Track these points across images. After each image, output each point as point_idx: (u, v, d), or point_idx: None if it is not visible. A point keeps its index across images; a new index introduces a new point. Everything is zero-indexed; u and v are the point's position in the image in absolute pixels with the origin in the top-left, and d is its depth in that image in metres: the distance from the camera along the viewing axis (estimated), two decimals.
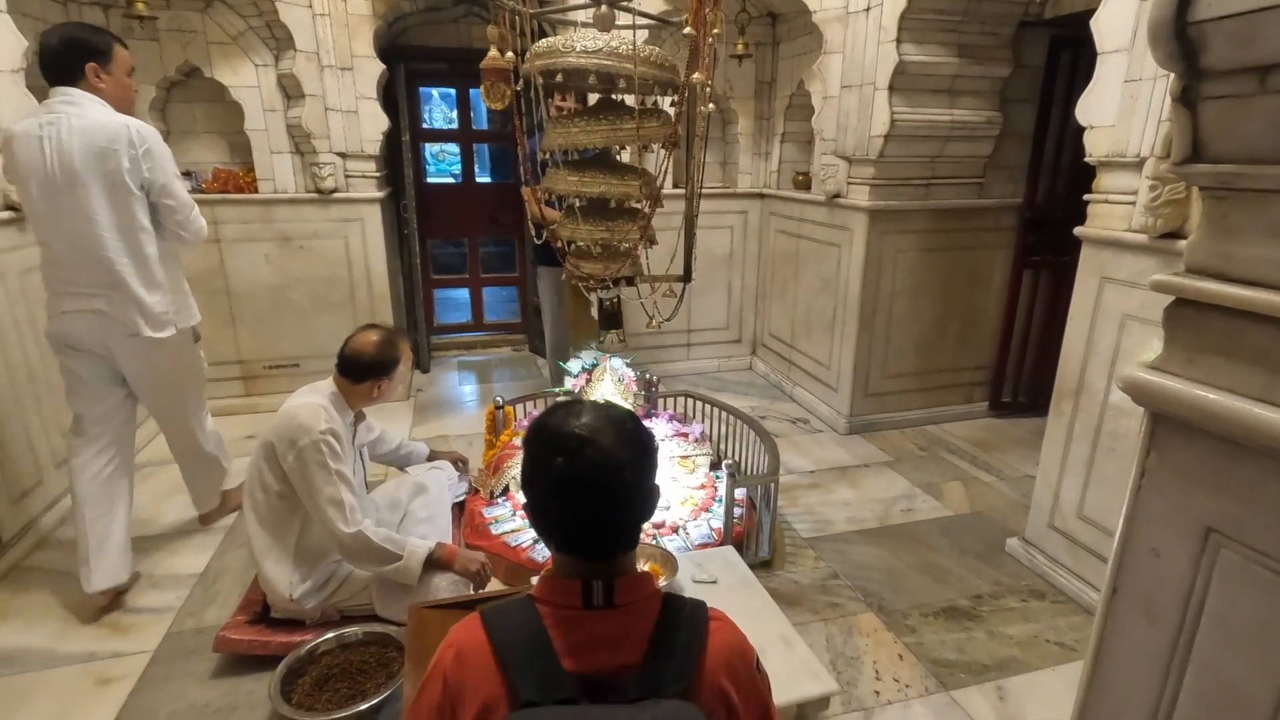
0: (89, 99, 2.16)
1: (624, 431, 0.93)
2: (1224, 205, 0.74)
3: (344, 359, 2.13)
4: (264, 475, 2.08)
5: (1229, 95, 0.70)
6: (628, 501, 0.93)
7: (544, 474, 0.92)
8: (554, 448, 0.91)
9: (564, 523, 0.94)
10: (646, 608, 0.93)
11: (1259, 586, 0.74)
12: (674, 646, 0.90)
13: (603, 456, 0.89)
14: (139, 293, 2.26)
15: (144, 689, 2.03)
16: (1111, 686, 0.90)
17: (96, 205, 2.15)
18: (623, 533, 0.95)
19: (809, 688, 1.77)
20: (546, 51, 2.17)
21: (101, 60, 2.18)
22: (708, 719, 0.87)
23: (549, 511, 0.94)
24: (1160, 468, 0.82)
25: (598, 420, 0.93)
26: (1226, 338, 0.75)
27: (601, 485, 0.90)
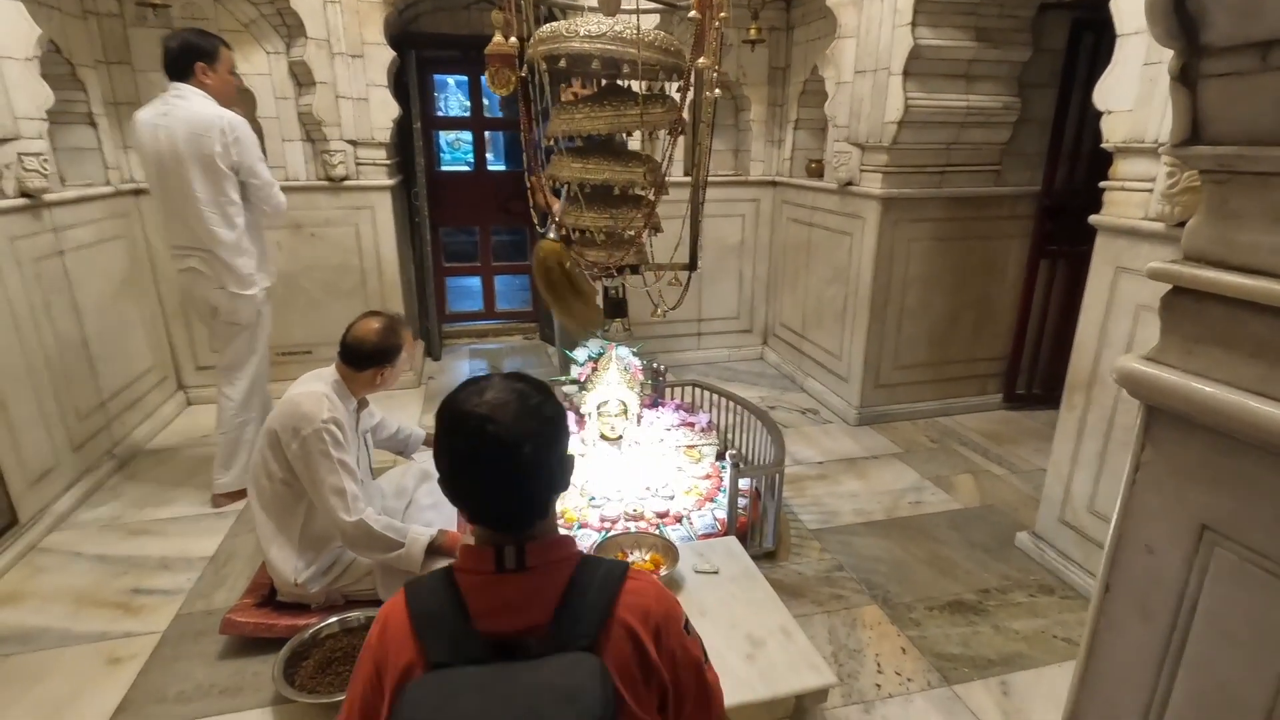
0: (195, 93, 2.61)
1: (526, 407, 0.94)
2: (1224, 189, 0.71)
3: (346, 347, 2.14)
4: (268, 463, 2.10)
5: (1230, 73, 0.67)
6: (529, 476, 0.94)
7: (448, 450, 0.95)
8: (456, 425, 0.94)
9: (470, 495, 0.96)
10: (560, 570, 0.95)
11: (1254, 586, 0.71)
12: (583, 605, 0.92)
13: (502, 433, 0.91)
14: (227, 256, 2.70)
15: (153, 669, 2.07)
16: (1104, 684, 0.88)
17: (195, 183, 2.59)
18: (528, 505, 0.96)
19: (808, 679, 1.76)
20: (550, 36, 2.15)
21: (208, 60, 2.63)
22: (617, 674, 0.89)
23: (457, 484, 0.96)
24: (1155, 462, 0.79)
25: (500, 396, 0.94)
26: (1225, 328, 0.72)
27: (501, 461, 0.92)
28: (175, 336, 3.93)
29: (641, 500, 2.70)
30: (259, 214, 2.83)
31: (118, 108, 3.54)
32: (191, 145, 2.54)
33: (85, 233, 3.20)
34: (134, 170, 3.65)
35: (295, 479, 2.08)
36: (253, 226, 2.81)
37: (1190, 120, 0.71)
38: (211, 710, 1.92)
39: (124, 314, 3.49)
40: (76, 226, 3.13)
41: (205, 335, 3.96)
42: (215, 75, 2.65)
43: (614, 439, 2.93)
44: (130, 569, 2.53)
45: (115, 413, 3.32)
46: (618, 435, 2.93)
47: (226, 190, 2.64)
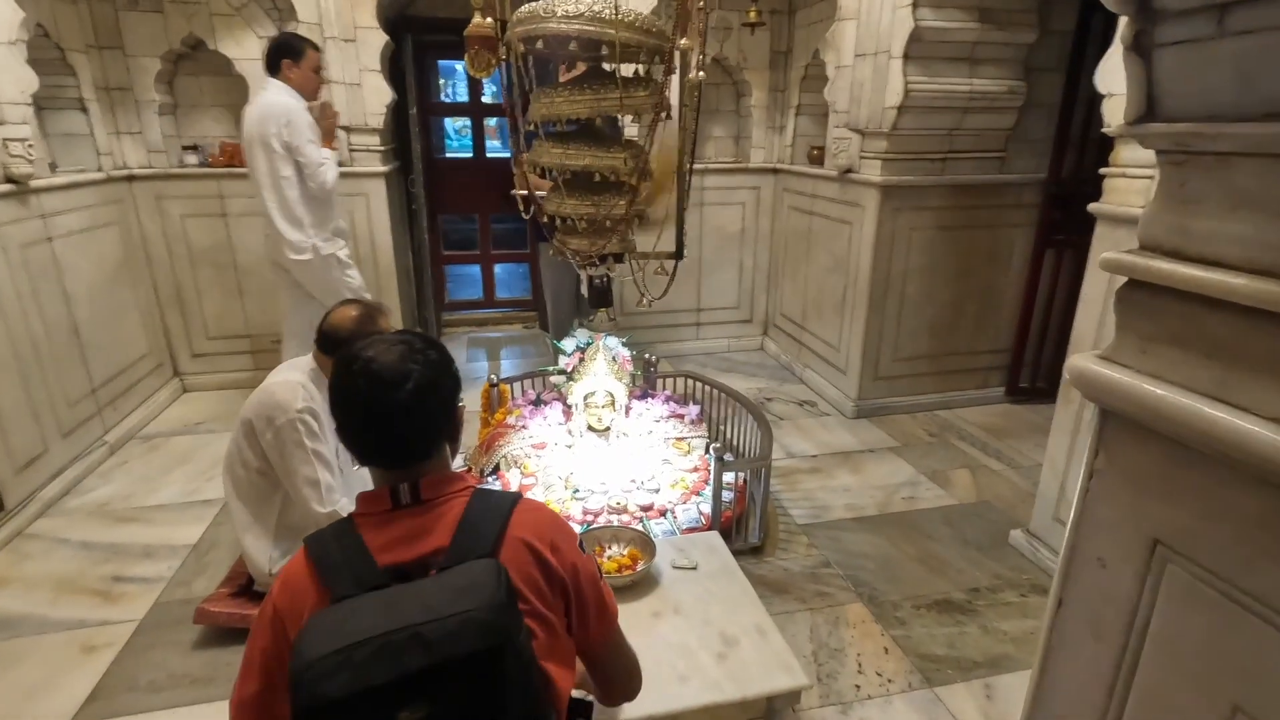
0: (276, 85, 2.96)
1: (410, 350, 1.00)
2: (1182, 171, 0.64)
3: (322, 334, 2.10)
4: (243, 452, 2.07)
5: (1185, 40, 0.60)
6: (410, 413, 0.98)
7: (338, 390, 1.00)
8: (346, 365, 1.00)
9: (358, 434, 1.00)
10: (455, 500, 1.00)
11: (1206, 608, 0.65)
12: (479, 525, 0.97)
13: (384, 371, 0.97)
14: (280, 225, 3.02)
15: (127, 657, 2.06)
16: (1056, 705, 0.82)
17: (256, 160, 2.97)
18: (415, 442, 1.00)
19: (779, 680, 1.71)
20: (527, 17, 2.09)
21: (294, 58, 2.97)
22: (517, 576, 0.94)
23: (348, 424, 1.00)
24: (1109, 470, 0.73)
25: (387, 342, 1.01)
26: (1181, 325, 0.65)
27: (384, 396, 0.96)
28: (170, 323, 3.93)
29: (626, 493, 2.66)
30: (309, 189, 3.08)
31: (109, 93, 3.53)
32: (257, 128, 2.91)
33: (76, 219, 3.19)
34: (127, 156, 3.64)
35: (270, 469, 2.05)
36: (310, 199, 3.06)
37: (1145, 95, 0.64)
38: (182, 700, 1.91)
39: (117, 301, 3.49)
40: (66, 213, 3.12)
41: (201, 323, 3.99)
42: (298, 71, 2.98)
43: (601, 430, 2.89)
44: (113, 556, 2.53)
45: (107, 399, 3.33)
46: (605, 427, 2.88)
47: (279, 167, 2.96)
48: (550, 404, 3.16)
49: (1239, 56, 0.57)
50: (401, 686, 0.80)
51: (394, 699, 0.80)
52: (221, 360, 4.06)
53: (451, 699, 0.83)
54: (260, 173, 2.98)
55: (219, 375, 4.05)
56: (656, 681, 1.66)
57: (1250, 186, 0.59)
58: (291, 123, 2.91)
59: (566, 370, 2.94)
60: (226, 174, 3.77)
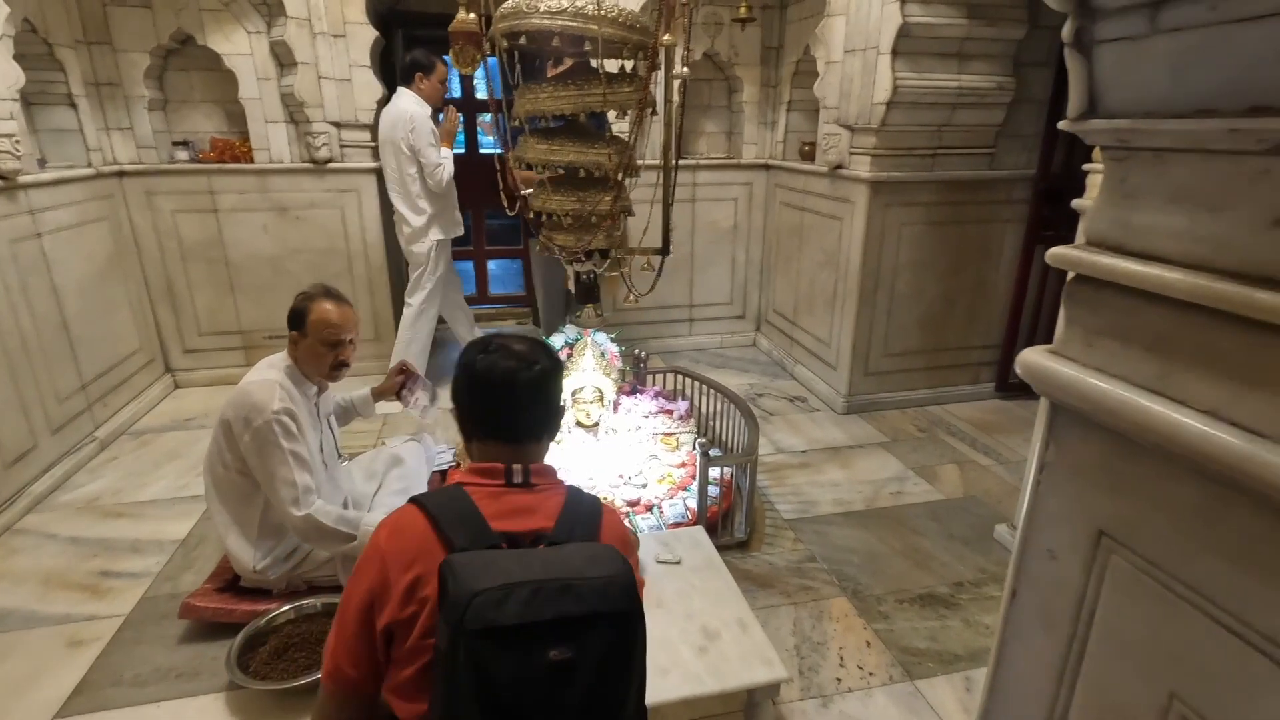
0: (407, 94, 3.47)
1: (539, 343, 1.20)
2: (1124, 166, 0.65)
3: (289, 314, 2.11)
4: (223, 452, 2.06)
5: (1123, 38, 0.60)
6: (542, 393, 1.15)
7: (473, 370, 1.14)
8: (484, 347, 1.16)
9: (490, 408, 1.14)
10: (556, 490, 1.13)
11: (1147, 598, 0.66)
12: (579, 514, 1.10)
13: (525, 352, 1.15)
14: (405, 214, 3.58)
15: (113, 651, 2.07)
16: (1010, 696, 0.83)
17: (387, 160, 3.53)
18: (537, 421, 1.17)
19: (759, 674, 1.73)
20: (511, 13, 2.09)
21: (426, 72, 3.47)
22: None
23: (480, 399, 1.14)
24: (1058, 463, 0.74)
25: (518, 335, 1.20)
26: (1123, 320, 0.66)
27: (521, 374, 1.12)
28: (162, 319, 3.93)
29: (614, 488, 2.67)
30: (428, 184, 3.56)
31: (98, 88, 3.52)
32: (389, 132, 3.42)
33: (65, 215, 3.19)
34: (116, 152, 3.64)
35: (250, 469, 2.05)
36: (431, 194, 3.57)
37: (1087, 91, 0.65)
38: (166, 694, 1.92)
39: (108, 296, 3.49)
40: (55, 208, 3.12)
41: (192, 318, 3.99)
42: (429, 83, 3.46)
43: (589, 426, 2.90)
44: (102, 551, 2.54)
45: (98, 395, 3.33)
46: (593, 422, 2.89)
47: (406, 167, 3.46)
48: None
49: (1171, 53, 0.57)
50: (555, 628, 0.90)
51: (547, 637, 0.90)
52: (214, 356, 4.07)
53: (593, 649, 0.92)
54: (390, 170, 3.51)
55: (211, 371, 4.06)
56: None
57: (1185, 181, 0.59)
58: (416, 128, 3.37)
59: None
60: (217, 169, 3.77)
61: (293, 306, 2.07)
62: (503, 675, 0.88)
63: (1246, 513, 0.56)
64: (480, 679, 0.88)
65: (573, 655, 0.91)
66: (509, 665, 0.89)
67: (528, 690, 0.90)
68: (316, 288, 2.12)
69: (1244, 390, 0.55)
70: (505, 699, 0.89)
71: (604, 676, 0.94)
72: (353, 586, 1.04)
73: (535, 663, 0.90)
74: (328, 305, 2.05)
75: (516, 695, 0.89)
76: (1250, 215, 0.55)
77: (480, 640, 0.87)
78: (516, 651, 0.89)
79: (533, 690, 0.90)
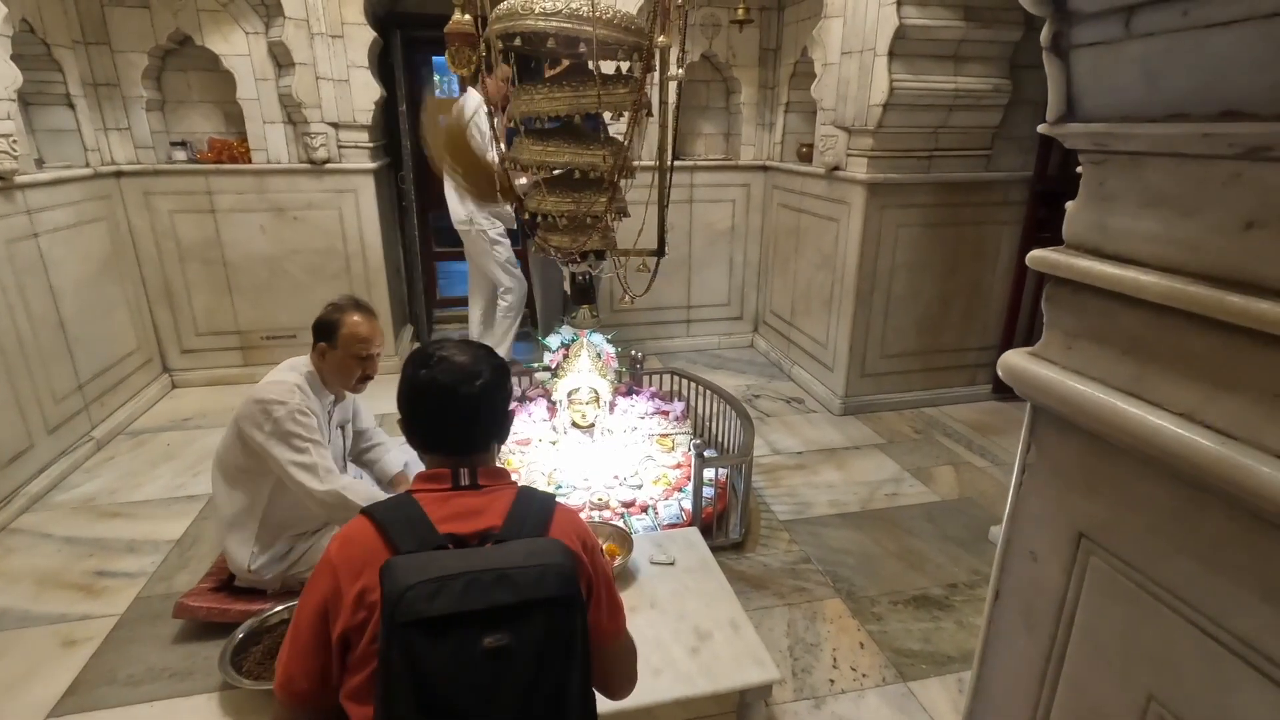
0: (473, 93, 3.50)
1: (481, 352, 1.17)
2: (1101, 170, 0.65)
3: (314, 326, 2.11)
4: (234, 449, 2.07)
5: (1098, 42, 0.61)
6: (481, 404, 1.13)
7: (414, 382, 1.13)
8: (424, 360, 1.13)
9: (431, 421, 1.14)
10: (505, 491, 1.12)
11: (1125, 599, 0.66)
12: (529, 512, 1.09)
13: (465, 363, 1.13)
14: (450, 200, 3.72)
15: (107, 651, 2.07)
16: (993, 696, 0.83)
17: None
18: (478, 432, 1.15)
19: (751, 674, 1.73)
20: (506, 14, 2.10)
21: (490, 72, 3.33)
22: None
23: (421, 413, 1.14)
24: (1038, 465, 0.74)
25: (460, 345, 1.17)
26: (1100, 322, 0.66)
27: (460, 387, 1.11)
28: (160, 319, 3.93)
29: (609, 489, 2.67)
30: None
31: (96, 89, 3.53)
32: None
33: (63, 215, 3.19)
34: (114, 152, 3.64)
35: (258, 466, 2.04)
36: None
37: (1065, 95, 0.65)
38: (160, 694, 1.92)
39: (105, 297, 3.50)
40: (53, 208, 3.12)
41: (190, 319, 4.00)
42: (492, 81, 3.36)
43: (585, 426, 2.90)
44: (97, 551, 2.54)
45: (94, 395, 3.33)
46: (589, 423, 2.89)
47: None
48: (535, 400, 3.17)
49: (1145, 58, 0.57)
50: (489, 616, 0.92)
51: (481, 626, 0.91)
52: (211, 356, 4.07)
53: (529, 635, 0.94)
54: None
55: (208, 371, 4.06)
56: None
57: (1160, 185, 0.60)
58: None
59: (551, 367, 2.96)
60: (215, 170, 3.77)
61: (322, 318, 2.06)
62: (437, 666, 0.90)
63: (1220, 515, 0.57)
64: (415, 672, 0.89)
65: (509, 643, 0.92)
66: (443, 655, 0.90)
67: (465, 680, 0.91)
68: (346, 300, 2.12)
69: (1217, 393, 0.56)
70: (441, 690, 0.90)
71: (543, 665, 0.95)
72: (306, 598, 1.04)
73: (470, 652, 0.91)
74: (358, 319, 2.06)
75: (453, 686, 0.91)
76: (1222, 219, 0.55)
77: (412, 631, 0.89)
78: (450, 641, 0.91)
79: (470, 679, 0.91)
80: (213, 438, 3.37)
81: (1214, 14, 0.51)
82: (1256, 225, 0.53)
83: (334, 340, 2.05)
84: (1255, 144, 0.51)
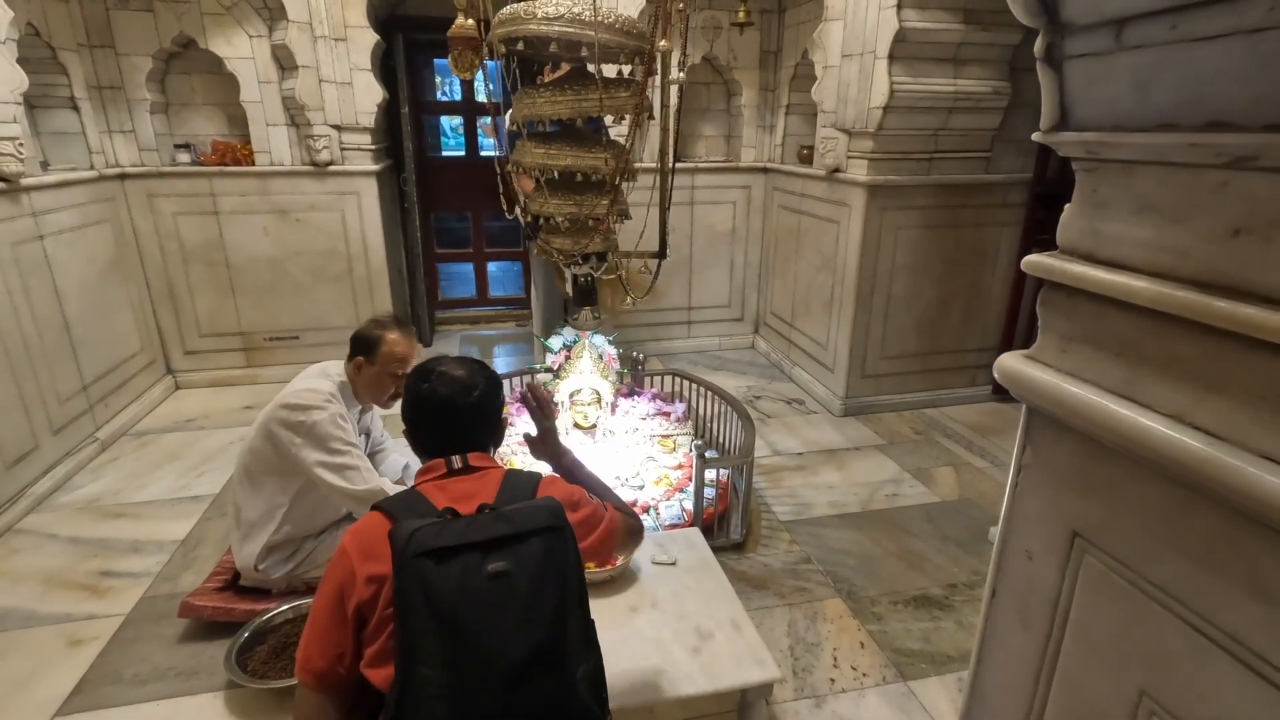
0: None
1: (476, 365, 1.34)
2: (1094, 177, 0.67)
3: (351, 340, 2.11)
4: (261, 451, 2.06)
5: (1090, 53, 0.62)
6: (478, 412, 1.29)
7: (415, 395, 1.28)
8: (427, 374, 1.29)
9: (432, 430, 1.29)
10: (494, 472, 1.27)
11: (1117, 597, 0.68)
12: (517, 484, 1.25)
13: (462, 376, 1.28)
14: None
15: (112, 651, 2.09)
16: (990, 694, 0.85)
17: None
18: (474, 439, 1.30)
19: (751, 673, 1.74)
20: (509, 19, 2.11)
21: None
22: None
23: (423, 422, 1.29)
24: (1034, 465, 0.76)
25: (457, 359, 1.34)
26: (1093, 326, 0.68)
27: (459, 397, 1.26)
28: (163, 321, 3.95)
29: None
30: None
31: (101, 91, 3.55)
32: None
33: (67, 217, 3.22)
34: (118, 154, 3.66)
35: (286, 468, 2.04)
36: None
37: (1059, 104, 0.67)
38: (165, 692, 1.94)
39: (109, 298, 3.52)
40: (58, 211, 3.14)
41: (193, 320, 4.01)
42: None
43: (587, 428, 2.92)
44: (101, 551, 2.56)
45: (99, 396, 3.35)
46: (591, 424, 2.91)
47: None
48: None
49: (1135, 69, 0.59)
50: (490, 545, 1.06)
51: (483, 554, 1.05)
52: (214, 357, 4.09)
53: (527, 561, 1.08)
54: None
55: (211, 372, 4.08)
56: (631, 674, 1.70)
57: (1150, 192, 0.61)
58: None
59: (553, 368, 2.97)
60: (218, 172, 3.80)
61: (363, 333, 2.06)
62: (447, 589, 1.01)
63: (1209, 515, 0.58)
64: (427, 596, 1.00)
65: (509, 567, 1.05)
66: (451, 580, 1.02)
67: (472, 600, 1.02)
68: (388, 317, 2.12)
69: (1206, 395, 0.57)
70: (451, 610, 1.00)
71: (541, 586, 1.08)
72: (323, 586, 1.14)
73: (475, 576, 1.03)
74: (397, 337, 2.06)
75: (462, 607, 1.01)
76: (1210, 226, 0.57)
77: (422, 560, 1.01)
78: (456, 566, 1.03)
79: (477, 600, 1.03)
80: (216, 439, 3.42)
81: (1201, 28, 0.53)
82: (1243, 232, 0.54)
83: (373, 356, 2.05)
84: (1241, 154, 0.53)
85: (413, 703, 0.99)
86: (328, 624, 1.11)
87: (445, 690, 0.98)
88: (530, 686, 1.04)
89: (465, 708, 0.99)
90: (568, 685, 1.08)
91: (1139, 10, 0.57)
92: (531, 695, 1.04)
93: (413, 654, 1.00)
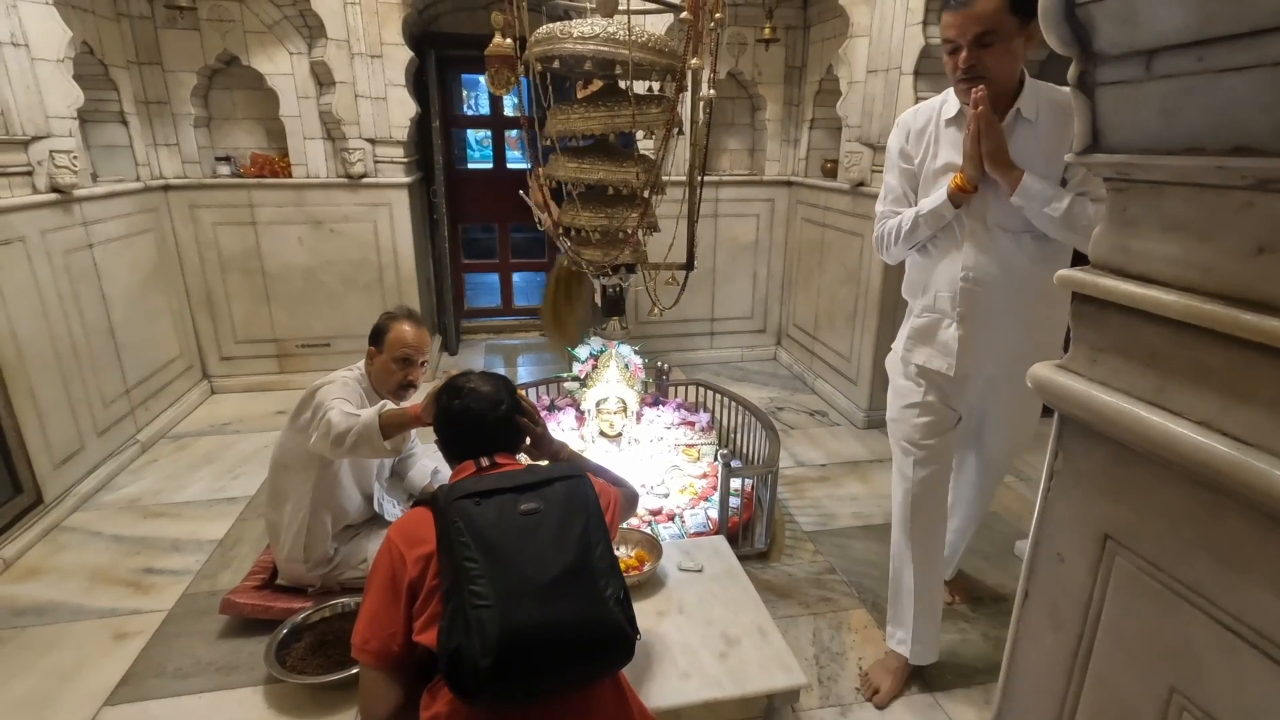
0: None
1: (500, 380, 1.58)
2: (1124, 197, 0.70)
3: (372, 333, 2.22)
4: (290, 452, 2.15)
5: (1121, 81, 0.66)
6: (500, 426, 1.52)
7: (448, 409, 1.51)
8: (457, 390, 1.53)
9: (464, 439, 1.50)
10: (517, 465, 1.49)
11: (1148, 597, 0.70)
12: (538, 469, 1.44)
13: (490, 391, 1.53)
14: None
15: (156, 645, 2.16)
16: (1023, 695, 0.87)
17: None
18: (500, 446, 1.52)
19: (778, 679, 1.77)
20: (545, 38, 2.19)
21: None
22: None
23: (456, 432, 1.51)
24: (1066, 471, 0.79)
25: (484, 375, 1.59)
26: (1124, 337, 0.71)
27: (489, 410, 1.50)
28: (200, 327, 4.07)
29: None
30: None
31: (148, 106, 3.69)
32: None
33: (114, 226, 3.34)
34: (163, 166, 3.80)
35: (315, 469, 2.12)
36: None
37: (1091, 128, 0.71)
38: (207, 686, 2.00)
39: (151, 305, 3.64)
40: (106, 220, 3.27)
41: (229, 327, 4.12)
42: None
43: (613, 436, 2.96)
44: (144, 549, 2.65)
45: (140, 400, 3.46)
46: (617, 432, 2.95)
47: None
48: (564, 410, 3.24)
49: (1164, 97, 0.63)
50: (521, 490, 1.31)
51: (516, 495, 1.29)
52: (248, 364, 4.20)
53: (554, 500, 1.31)
54: None
55: (246, 378, 4.19)
56: (659, 678, 1.73)
57: (1178, 212, 0.65)
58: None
59: (580, 377, 3.02)
60: (256, 184, 3.92)
61: (376, 324, 2.20)
62: (486, 521, 1.22)
63: (1236, 517, 0.61)
64: (470, 524, 1.21)
65: (539, 505, 1.28)
66: (490, 513, 1.24)
67: (509, 529, 1.23)
68: (400, 309, 2.25)
69: (1233, 403, 0.60)
70: (490, 536, 1.20)
71: (566, 518, 1.29)
72: (373, 575, 1.32)
73: (510, 512, 1.26)
74: (406, 326, 2.18)
75: (500, 535, 1.21)
76: (1236, 244, 0.60)
77: (464, 501, 1.24)
78: (493, 505, 1.25)
79: (513, 528, 1.23)
80: (250, 442, 3.51)
81: (1226, 60, 0.57)
82: (1267, 250, 0.58)
83: (381, 344, 2.16)
84: (1265, 176, 0.56)
85: (462, 620, 1.13)
86: (378, 607, 1.28)
87: (493, 601, 1.14)
88: (564, 599, 1.19)
89: (509, 615, 1.14)
90: (597, 600, 1.23)
91: (1168, 43, 0.61)
92: (566, 606, 1.19)
93: (461, 578, 1.16)
